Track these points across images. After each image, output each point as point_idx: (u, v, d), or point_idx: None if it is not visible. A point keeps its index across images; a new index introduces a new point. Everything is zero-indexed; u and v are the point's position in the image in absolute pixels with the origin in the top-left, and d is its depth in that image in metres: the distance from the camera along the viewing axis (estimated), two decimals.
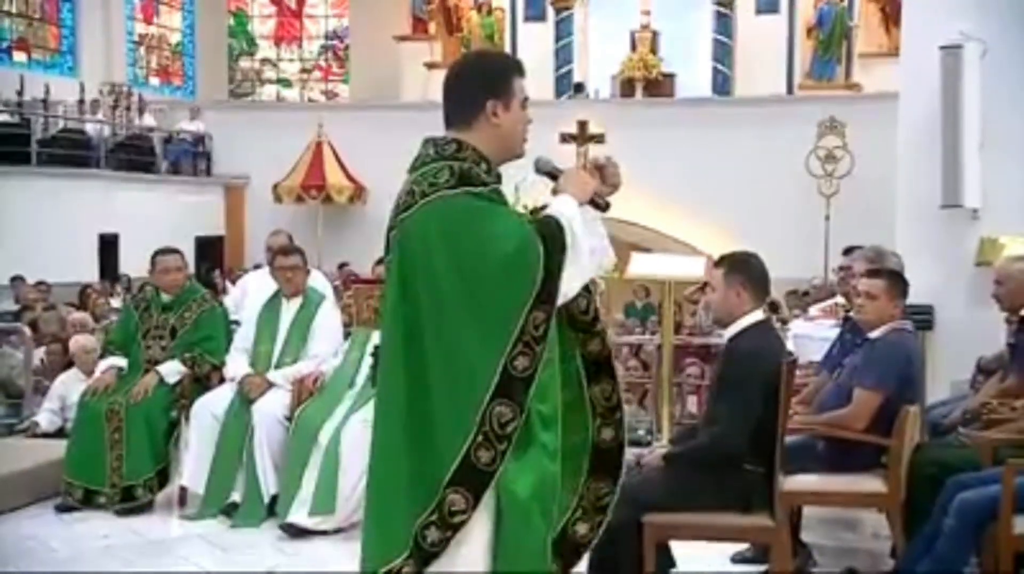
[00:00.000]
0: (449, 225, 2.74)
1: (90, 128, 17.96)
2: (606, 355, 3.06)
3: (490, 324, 2.70)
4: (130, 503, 5.98)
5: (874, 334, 4.76)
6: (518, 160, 2.98)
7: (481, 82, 2.90)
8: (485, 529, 2.73)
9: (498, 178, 2.92)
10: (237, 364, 6.16)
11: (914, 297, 5.03)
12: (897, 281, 4.86)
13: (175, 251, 6.58)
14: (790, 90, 18.86)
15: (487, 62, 3.07)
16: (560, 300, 2.80)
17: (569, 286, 2.82)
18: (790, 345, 6.58)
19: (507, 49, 19.79)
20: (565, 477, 2.91)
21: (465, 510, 2.68)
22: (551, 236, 2.78)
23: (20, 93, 17.06)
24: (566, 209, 2.87)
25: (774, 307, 11.56)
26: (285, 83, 23.74)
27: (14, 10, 19.60)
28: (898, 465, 4.50)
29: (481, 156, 2.87)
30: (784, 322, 10.51)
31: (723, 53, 19.45)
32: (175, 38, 22.95)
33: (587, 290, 3.01)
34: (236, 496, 5.89)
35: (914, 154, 7.40)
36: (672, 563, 4.32)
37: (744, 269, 4.27)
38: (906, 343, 4.76)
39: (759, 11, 19.21)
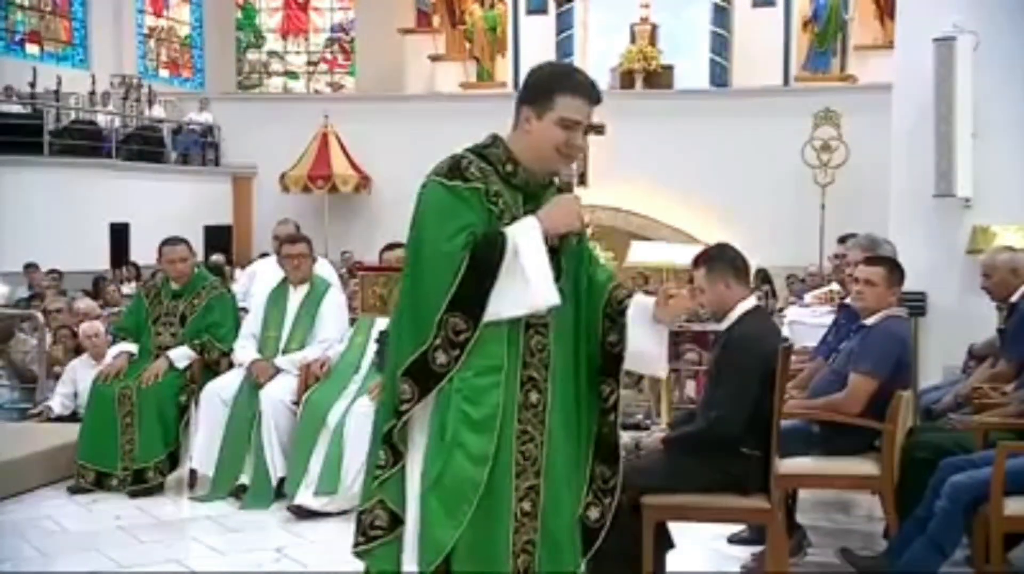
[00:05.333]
0: (414, 210, 2.91)
1: (101, 119, 17.97)
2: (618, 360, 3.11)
3: (414, 311, 2.87)
4: (141, 485, 6.00)
5: (870, 321, 4.76)
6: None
7: (527, 89, 2.96)
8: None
9: (527, 183, 2.94)
10: (245, 350, 6.17)
11: (907, 284, 5.02)
12: (895, 269, 4.85)
13: (182, 241, 6.57)
14: (786, 82, 18.83)
15: (541, 72, 3.02)
16: (489, 318, 2.81)
17: (500, 308, 2.82)
18: (785, 331, 6.59)
19: (509, 42, 19.81)
20: (573, 469, 3.03)
21: (385, 465, 2.90)
22: (482, 257, 2.80)
23: (33, 85, 17.08)
24: (522, 234, 2.84)
25: (765, 278, 11.57)
26: (292, 75, 23.69)
27: (27, 3, 19.58)
28: (891, 448, 4.51)
29: (511, 156, 2.92)
30: (774, 293, 10.50)
31: (721, 45, 19.42)
32: (184, 31, 22.91)
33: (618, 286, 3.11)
34: (245, 478, 5.90)
35: (908, 144, 7.40)
36: (670, 544, 4.32)
37: (724, 261, 4.27)
38: (901, 330, 4.76)
39: (756, 4, 19.18)
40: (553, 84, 2.91)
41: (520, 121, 2.93)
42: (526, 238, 2.83)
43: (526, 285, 2.81)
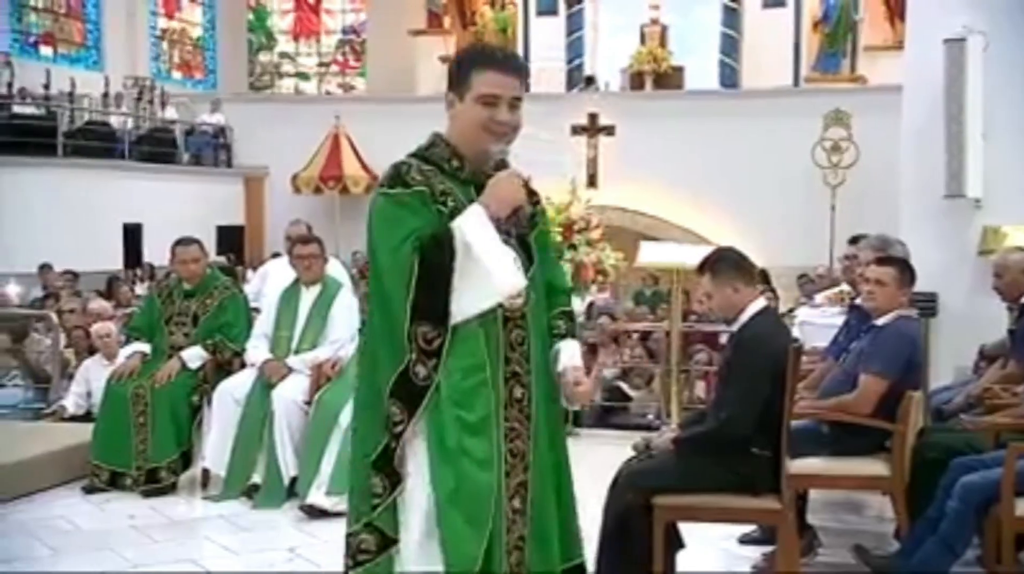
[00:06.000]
0: (367, 227, 2.83)
1: (114, 121, 18.00)
2: None
3: (385, 329, 2.79)
4: (154, 485, 6.01)
5: (881, 321, 4.74)
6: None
7: (448, 76, 2.86)
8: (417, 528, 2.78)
9: (475, 175, 2.84)
10: (257, 350, 6.17)
11: (918, 285, 5.00)
12: (906, 270, 4.84)
13: (195, 242, 6.58)
14: (796, 82, 18.80)
15: (459, 55, 2.93)
16: (459, 318, 2.74)
17: (466, 305, 2.74)
18: (796, 332, 6.57)
19: (519, 43, 19.80)
20: (558, 460, 2.99)
21: (382, 494, 2.81)
22: (432, 259, 2.72)
23: (47, 87, 17.12)
24: (469, 224, 2.76)
25: (765, 279, 11.54)
26: (303, 76, 23.72)
27: (40, 5, 19.64)
28: (902, 449, 4.49)
29: (454, 151, 2.85)
30: (774, 291, 10.47)
31: (731, 46, 19.39)
32: (196, 33, 22.96)
33: (565, 314, 3.05)
34: (257, 478, 5.90)
35: (918, 145, 7.37)
36: (681, 544, 4.31)
37: (728, 265, 4.25)
38: (911, 330, 4.75)
39: (766, 5, 19.14)
40: (468, 63, 2.83)
41: (449, 110, 2.86)
42: (474, 227, 2.74)
43: (487, 276, 2.73)
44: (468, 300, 2.74)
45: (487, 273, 2.72)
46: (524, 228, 2.90)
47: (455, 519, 2.72)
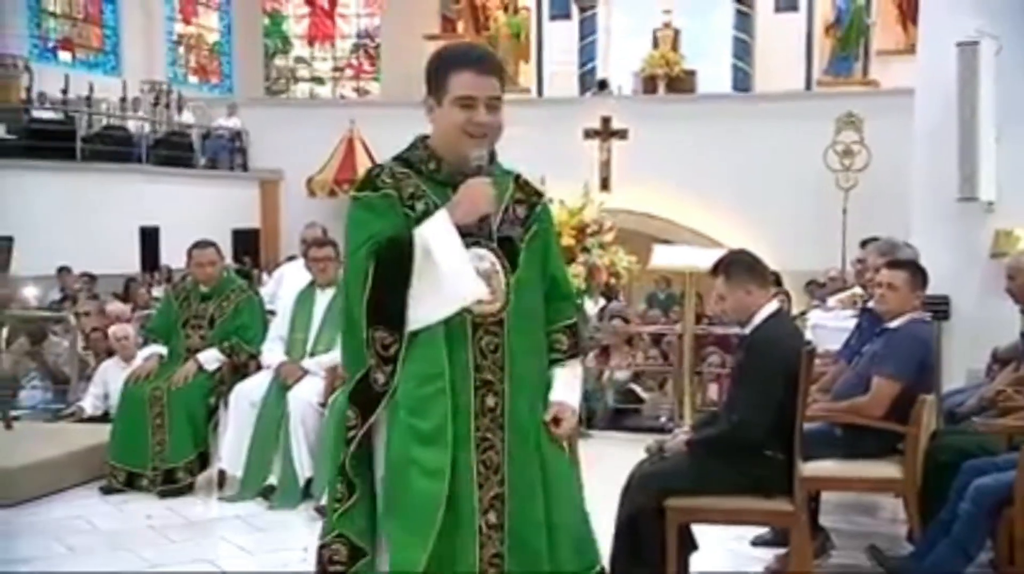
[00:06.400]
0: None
1: (132, 125, 18.06)
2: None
3: (348, 334, 2.78)
4: (171, 485, 6.03)
5: (893, 324, 4.73)
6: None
7: (426, 80, 2.79)
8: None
9: (452, 177, 2.75)
10: (273, 352, 6.19)
11: (931, 288, 4.99)
12: (917, 273, 4.83)
13: (211, 244, 6.61)
14: (808, 86, 18.74)
15: (434, 58, 2.81)
16: (418, 324, 2.66)
17: (425, 312, 2.66)
18: (808, 335, 6.55)
19: (532, 47, 19.81)
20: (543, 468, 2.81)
21: (341, 498, 2.77)
22: (388, 263, 2.66)
23: (65, 91, 17.17)
24: (431, 231, 2.67)
25: (777, 282, 11.51)
26: (318, 81, 23.76)
27: (59, 11, 19.73)
28: (915, 451, 4.48)
29: (432, 153, 2.79)
30: (787, 294, 10.44)
31: (743, 50, 19.34)
32: (213, 38, 23.02)
33: (568, 328, 2.91)
34: (273, 479, 5.92)
35: (930, 148, 7.35)
36: (694, 546, 4.31)
37: (742, 267, 4.25)
38: (924, 333, 4.73)
39: (778, 9, 19.08)
40: (443, 66, 2.74)
41: (428, 115, 2.80)
42: (436, 233, 2.66)
43: (444, 283, 2.65)
44: (426, 307, 2.67)
45: (444, 280, 2.64)
46: (515, 231, 2.79)
47: (394, 527, 2.67)
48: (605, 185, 16.80)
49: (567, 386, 2.88)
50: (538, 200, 2.91)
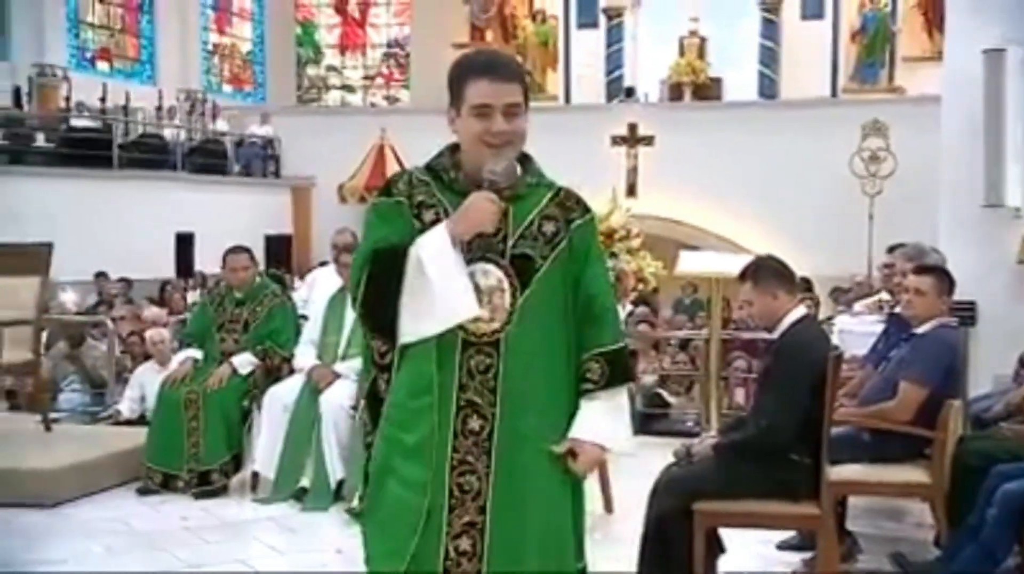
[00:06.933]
0: None
1: (167, 133, 18.20)
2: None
3: (362, 343, 2.79)
4: (206, 487, 6.06)
5: (920, 329, 4.70)
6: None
7: (448, 89, 2.64)
8: None
9: (468, 188, 2.57)
10: (305, 356, 6.21)
11: (957, 293, 4.95)
12: (945, 278, 4.79)
13: (245, 250, 6.64)
14: (834, 93, 18.63)
15: (451, 66, 2.66)
16: (411, 337, 2.54)
17: (415, 325, 2.53)
18: (835, 340, 6.51)
19: (560, 55, 19.81)
20: (547, 509, 2.59)
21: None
22: (380, 273, 2.55)
23: (103, 100, 17.33)
24: (427, 243, 2.52)
25: (808, 287, 11.46)
26: (349, 89, 23.84)
27: (97, 22, 19.93)
28: (942, 456, 4.45)
29: (455, 161, 2.64)
30: (815, 299, 10.40)
31: (769, 57, 19.25)
32: (246, 47, 23.17)
33: (602, 356, 2.61)
34: (305, 481, 5.94)
35: (957, 154, 7.30)
36: (722, 549, 4.29)
37: (769, 272, 4.23)
38: (951, 338, 4.69)
39: (804, 17, 18.98)
40: (459, 76, 2.59)
41: (450, 127, 2.65)
42: (431, 247, 2.51)
43: (433, 299, 2.49)
44: (416, 320, 2.53)
45: (435, 295, 2.49)
46: (535, 248, 2.58)
47: (371, 536, 2.62)
48: (632, 191, 16.76)
49: (594, 420, 2.60)
50: (577, 217, 2.65)
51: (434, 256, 2.50)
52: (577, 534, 2.65)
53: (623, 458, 2.96)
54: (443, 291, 2.49)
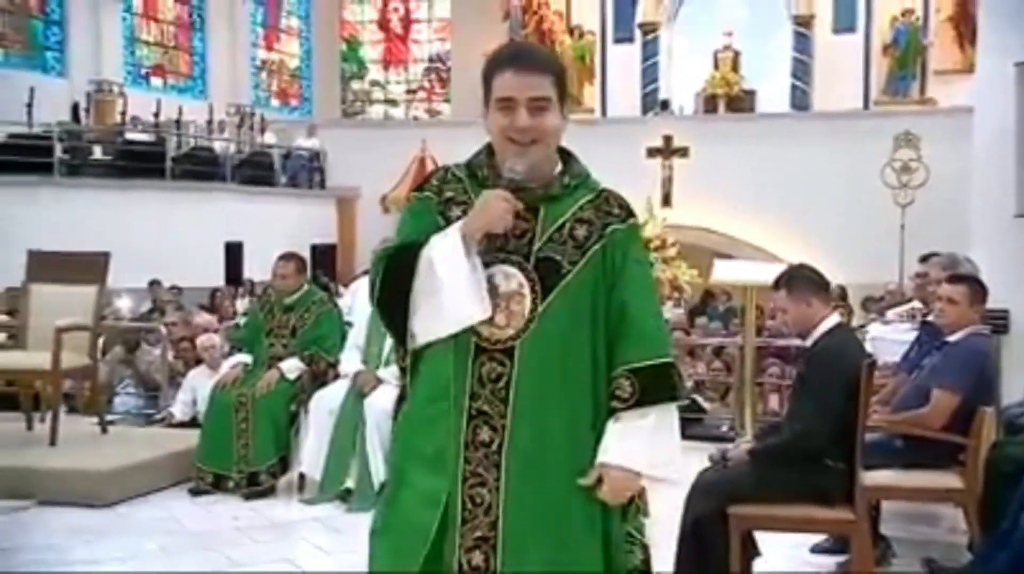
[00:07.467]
0: None
1: (218, 146, 18.38)
2: None
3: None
4: (255, 487, 6.10)
5: (953, 337, 4.65)
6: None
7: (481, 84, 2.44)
8: None
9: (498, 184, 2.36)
10: (350, 361, 6.24)
11: (990, 302, 4.90)
12: (977, 288, 4.74)
13: (294, 257, 6.69)
14: (866, 105, 18.49)
15: (485, 61, 2.45)
16: (422, 339, 2.38)
17: (428, 326, 2.36)
18: (868, 347, 6.45)
19: (597, 69, 19.79)
20: (567, 525, 2.36)
21: None
22: (393, 272, 2.39)
23: (156, 115, 17.55)
24: (440, 241, 2.35)
25: (842, 296, 11.36)
26: (392, 103, 23.98)
27: (152, 39, 20.19)
28: (975, 462, 4.39)
29: (491, 161, 2.43)
30: (848, 307, 10.30)
31: (802, 70, 19.14)
32: (293, 63, 23.37)
33: (632, 373, 2.34)
34: (350, 483, 5.96)
35: (989, 165, 7.23)
36: (757, 552, 4.26)
37: (804, 281, 4.21)
38: (983, 346, 4.64)
39: (836, 31, 18.87)
40: (488, 68, 2.38)
41: (485, 123, 2.45)
42: (444, 247, 2.33)
43: (442, 300, 2.32)
44: (427, 321, 2.36)
45: (444, 296, 2.31)
46: (564, 252, 2.36)
47: (379, 550, 2.46)
48: (667, 201, 16.67)
49: (622, 443, 2.34)
50: (615, 221, 2.41)
51: (445, 255, 2.32)
52: (609, 549, 2.39)
53: None
54: (452, 291, 2.31)
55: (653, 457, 2.36)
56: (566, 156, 2.47)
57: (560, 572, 2.32)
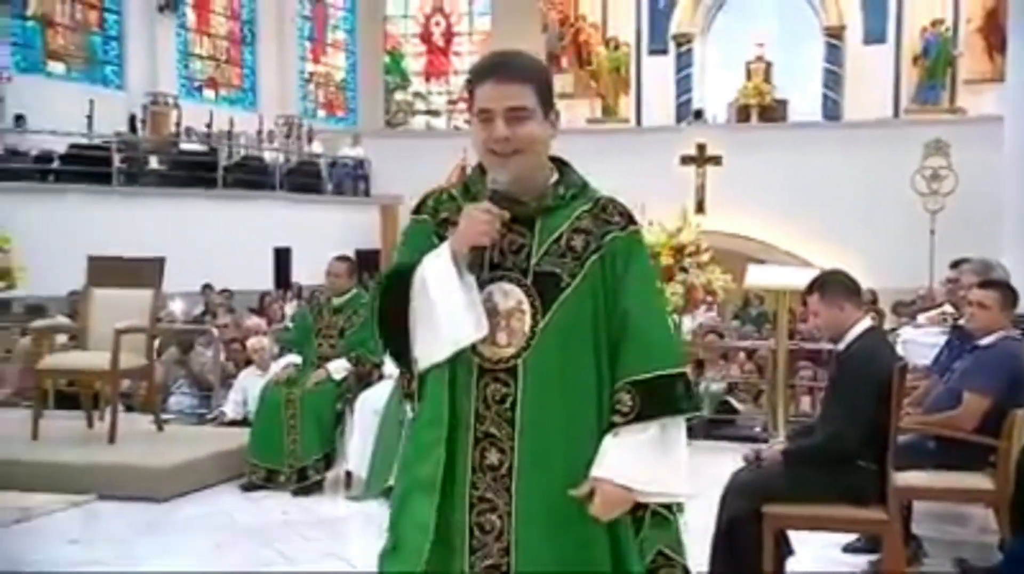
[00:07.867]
0: None
1: (267, 155, 18.56)
2: None
3: None
4: (304, 482, 6.15)
5: (984, 341, 4.59)
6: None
7: None
8: None
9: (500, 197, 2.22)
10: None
11: (1021, 307, 4.82)
12: (1008, 293, 4.68)
13: (346, 260, 6.78)
14: (896, 114, 18.32)
15: None
16: (423, 364, 2.23)
17: (427, 349, 2.21)
18: (899, 350, 6.38)
19: (632, 80, 19.75)
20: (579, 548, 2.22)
21: None
22: (389, 296, 2.26)
23: (209, 126, 17.75)
24: (431, 261, 2.21)
25: (873, 300, 11.24)
26: (434, 113, 24.06)
27: (205, 53, 20.43)
28: (1006, 464, 4.33)
29: (484, 176, 2.28)
30: (879, 312, 10.19)
31: (833, 80, 19.02)
32: (339, 75, 23.53)
33: (633, 386, 2.19)
34: (393, 480, 5.97)
35: (1019, 173, 7.13)
36: (790, 551, 4.23)
37: (836, 285, 4.17)
38: (1014, 350, 4.58)
39: (867, 41, 18.73)
40: (471, 80, 2.25)
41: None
42: (433, 267, 2.19)
43: (439, 320, 2.17)
44: (424, 345, 2.22)
45: (438, 317, 2.17)
46: (563, 265, 2.22)
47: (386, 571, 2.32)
48: (700, 208, 16.64)
49: (616, 458, 2.18)
50: (614, 228, 2.25)
51: (436, 275, 2.18)
52: (621, 565, 2.23)
53: (692, 462, 2.21)
54: (445, 311, 2.16)
55: (650, 473, 2.19)
56: (561, 166, 2.34)
57: None
